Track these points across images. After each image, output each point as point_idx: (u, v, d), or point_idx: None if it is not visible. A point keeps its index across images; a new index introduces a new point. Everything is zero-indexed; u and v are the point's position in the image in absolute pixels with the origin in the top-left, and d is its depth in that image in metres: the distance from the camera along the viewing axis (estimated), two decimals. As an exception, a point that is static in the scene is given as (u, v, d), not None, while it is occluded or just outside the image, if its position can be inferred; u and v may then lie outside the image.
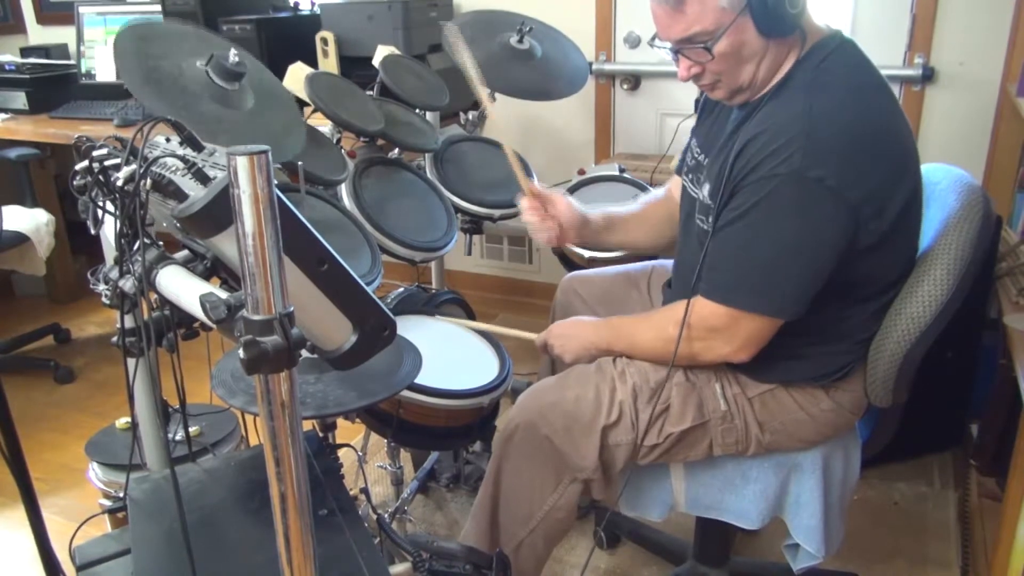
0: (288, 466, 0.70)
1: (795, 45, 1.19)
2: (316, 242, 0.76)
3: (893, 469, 2.11)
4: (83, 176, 0.96)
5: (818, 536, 1.33)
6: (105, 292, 0.97)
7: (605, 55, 2.83)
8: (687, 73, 1.22)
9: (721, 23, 1.14)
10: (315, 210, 1.57)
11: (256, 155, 0.61)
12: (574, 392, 1.33)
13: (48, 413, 2.58)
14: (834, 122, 1.12)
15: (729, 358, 1.24)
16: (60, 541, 1.30)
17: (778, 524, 1.39)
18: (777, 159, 1.11)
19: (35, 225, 2.78)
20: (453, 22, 2.03)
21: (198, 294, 0.75)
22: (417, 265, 1.77)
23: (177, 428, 1.55)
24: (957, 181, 1.31)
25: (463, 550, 1.36)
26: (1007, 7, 2.27)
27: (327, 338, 0.82)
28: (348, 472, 1.94)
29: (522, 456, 1.35)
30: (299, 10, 2.96)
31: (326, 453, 1.20)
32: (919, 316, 1.20)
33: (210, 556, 0.97)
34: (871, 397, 1.31)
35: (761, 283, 1.18)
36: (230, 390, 1.15)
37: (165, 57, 1.25)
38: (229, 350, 1.21)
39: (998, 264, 1.79)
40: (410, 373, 1.23)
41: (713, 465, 1.36)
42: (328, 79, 1.82)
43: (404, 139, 1.87)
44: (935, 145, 2.46)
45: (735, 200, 1.18)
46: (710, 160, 1.30)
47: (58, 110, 2.87)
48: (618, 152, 2.93)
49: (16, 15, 3.72)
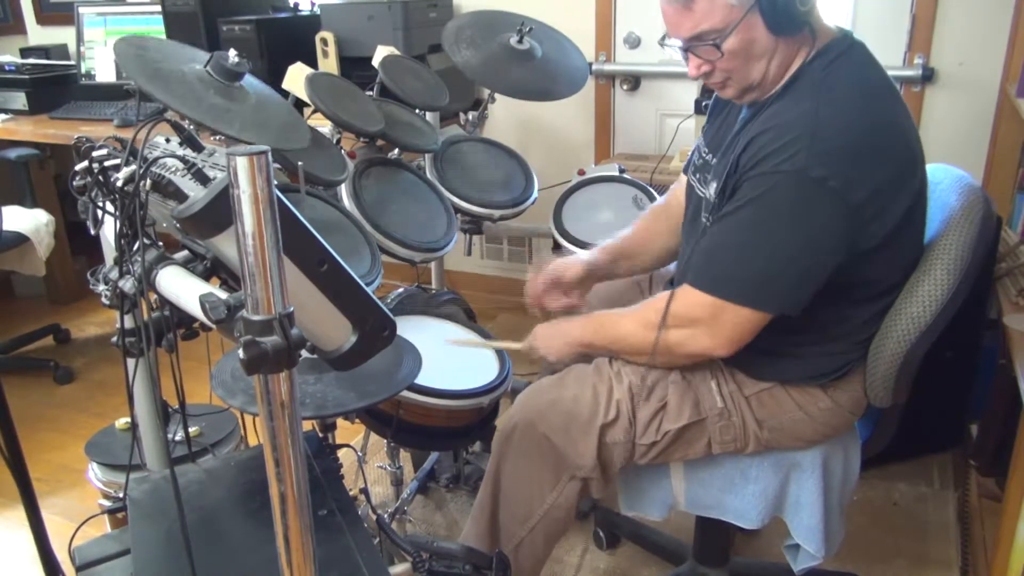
0: (288, 466, 0.70)
1: (805, 43, 1.19)
2: (316, 242, 0.76)
3: (893, 469, 2.11)
4: (83, 176, 0.96)
5: (818, 536, 1.33)
6: (105, 292, 0.97)
7: (605, 55, 2.83)
8: (697, 72, 1.22)
9: (730, 20, 1.13)
10: (315, 210, 1.57)
11: (256, 155, 0.61)
12: (572, 391, 1.33)
13: (48, 413, 2.58)
14: (840, 123, 1.12)
15: (710, 351, 1.22)
16: (60, 541, 1.30)
17: (778, 524, 1.39)
18: (781, 156, 1.11)
19: (35, 225, 2.78)
20: (452, 23, 2.04)
21: (198, 294, 0.75)
22: (417, 265, 1.77)
23: (177, 428, 1.55)
24: (958, 182, 1.31)
25: (463, 550, 1.36)
26: (1007, 7, 2.27)
27: (327, 338, 0.82)
28: (348, 472, 1.94)
29: (521, 455, 1.35)
30: (299, 10, 2.96)
31: (326, 453, 1.20)
32: (919, 316, 1.20)
33: (210, 556, 0.97)
34: (871, 397, 1.31)
35: (750, 275, 1.17)
36: (230, 390, 1.15)
37: (164, 62, 1.26)
38: (229, 350, 1.21)
39: (998, 264, 1.79)
40: (409, 374, 1.23)
41: (713, 465, 1.36)
42: (328, 79, 1.82)
43: (404, 139, 1.87)
44: (935, 145, 2.45)
45: (736, 194, 1.18)
46: (717, 159, 1.30)
47: (58, 110, 2.87)
48: (618, 152, 2.93)
49: (16, 15, 3.72)
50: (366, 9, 2.53)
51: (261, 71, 2.48)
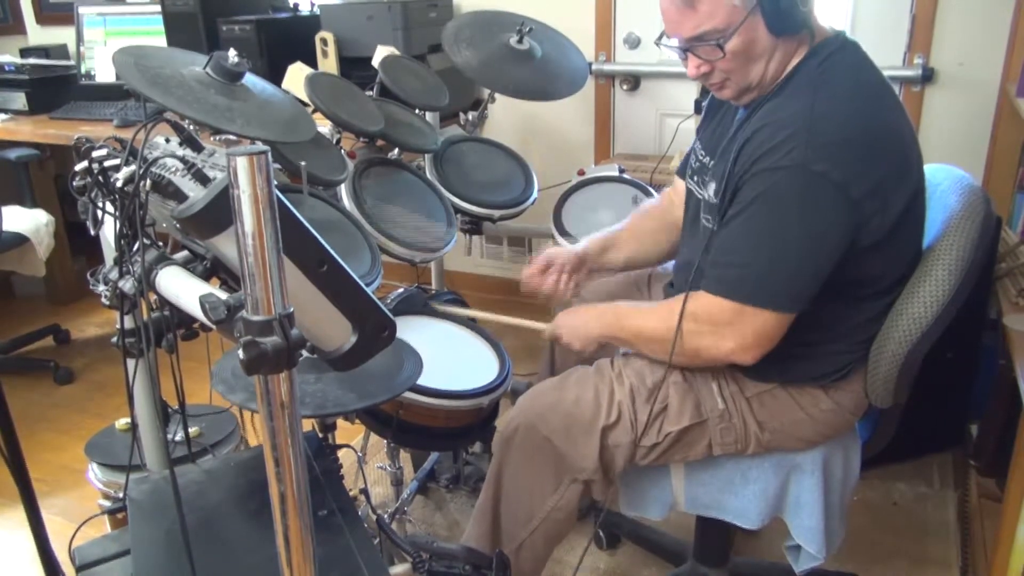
0: (288, 467, 0.70)
1: (803, 43, 1.19)
2: (316, 243, 0.75)
3: (893, 469, 2.10)
4: (83, 177, 0.96)
5: (818, 536, 1.33)
6: (105, 293, 0.97)
7: (605, 55, 2.83)
8: (696, 72, 1.22)
9: (732, 21, 1.13)
10: (315, 210, 1.57)
11: (256, 155, 0.61)
12: (573, 393, 1.33)
13: (48, 414, 2.58)
14: (838, 118, 1.12)
15: (735, 357, 1.21)
16: (60, 542, 1.30)
17: (778, 524, 1.39)
18: (780, 152, 1.11)
19: (35, 226, 2.78)
20: (452, 23, 2.03)
21: (198, 295, 0.75)
22: (417, 265, 1.77)
23: (177, 429, 1.55)
24: (958, 182, 1.31)
25: (463, 551, 1.36)
26: (1007, 7, 2.27)
27: (327, 339, 0.82)
28: (348, 473, 1.94)
29: (522, 457, 1.35)
30: (299, 10, 2.96)
31: (326, 454, 1.21)
32: (920, 316, 1.20)
33: (210, 557, 0.97)
34: (872, 397, 1.31)
35: (764, 277, 1.16)
36: (230, 387, 1.15)
37: (164, 67, 1.26)
38: (229, 349, 1.21)
39: (998, 265, 1.79)
40: (410, 375, 1.23)
41: (713, 465, 1.36)
42: (328, 79, 1.82)
43: (404, 139, 1.87)
44: (935, 145, 2.45)
45: (739, 195, 1.17)
46: (715, 162, 1.30)
47: (58, 111, 2.87)
48: (618, 152, 2.93)
49: (16, 15, 3.71)
50: (366, 9, 2.52)
51: (261, 71, 2.48)
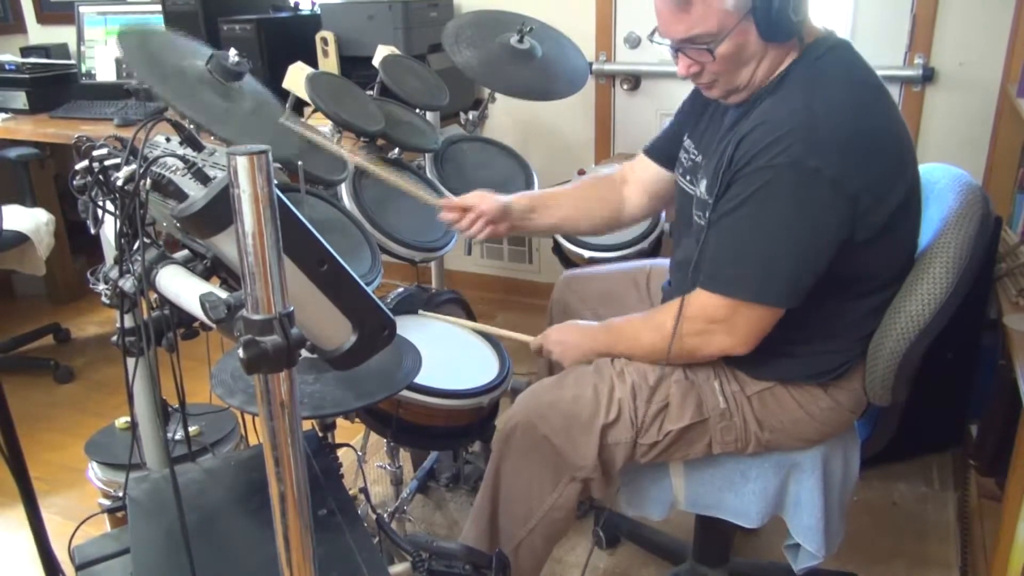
0: (287, 466, 0.70)
1: (793, 48, 1.20)
2: (316, 242, 0.75)
3: (893, 469, 2.11)
4: (83, 176, 0.96)
5: (818, 536, 1.33)
6: (105, 292, 0.97)
7: (605, 55, 2.83)
8: (686, 71, 1.23)
9: (724, 26, 1.14)
10: (315, 210, 1.57)
11: (256, 155, 0.61)
12: (572, 392, 1.33)
13: (48, 413, 2.58)
14: (834, 116, 1.12)
15: (729, 351, 1.24)
16: (60, 541, 1.30)
17: (778, 524, 1.39)
18: (775, 149, 1.12)
19: (35, 225, 2.78)
20: (453, 23, 2.04)
21: (198, 294, 0.75)
22: (417, 265, 1.77)
23: (176, 428, 1.55)
24: (956, 180, 1.32)
25: (462, 550, 1.36)
26: (1007, 7, 2.27)
27: (327, 338, 0.82)
28: (347, 472, 1.94)
29: (521, 456, 1.35)
30: (299, 10, 2.96)
31: (325, 453, 1.21)
32: (918, 314, 1.21)
33: (209, 556, 0.97)
34: (871, 396, 1.31)
35: (760, 272, 1.18)
36: (229, 389, 1.15)
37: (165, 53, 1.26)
38: (229, 350, 1.21)
39: (998, 265, 1.79)
40: (409, 373, 1.23)
41: (713, 464, 1.36)
42: (328, 79, 1.82)
43: (404, 139, 1.87)
44: (935, 145, 2.46)
45: (732, 191, 1.18)
46: (707, 160, 1.31)
47: (58, 110, 2.87)
48: (618, 152, 2.93)
49: (16, 15, 3.71)
50: (366, 9, 2.52)
51: (261, 71, 2.48)
